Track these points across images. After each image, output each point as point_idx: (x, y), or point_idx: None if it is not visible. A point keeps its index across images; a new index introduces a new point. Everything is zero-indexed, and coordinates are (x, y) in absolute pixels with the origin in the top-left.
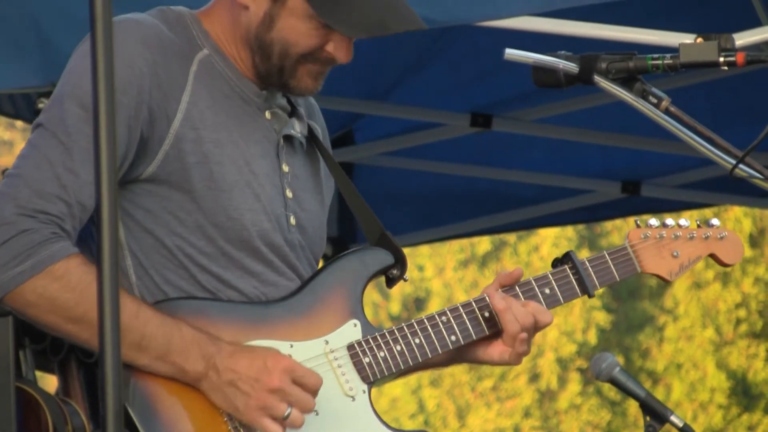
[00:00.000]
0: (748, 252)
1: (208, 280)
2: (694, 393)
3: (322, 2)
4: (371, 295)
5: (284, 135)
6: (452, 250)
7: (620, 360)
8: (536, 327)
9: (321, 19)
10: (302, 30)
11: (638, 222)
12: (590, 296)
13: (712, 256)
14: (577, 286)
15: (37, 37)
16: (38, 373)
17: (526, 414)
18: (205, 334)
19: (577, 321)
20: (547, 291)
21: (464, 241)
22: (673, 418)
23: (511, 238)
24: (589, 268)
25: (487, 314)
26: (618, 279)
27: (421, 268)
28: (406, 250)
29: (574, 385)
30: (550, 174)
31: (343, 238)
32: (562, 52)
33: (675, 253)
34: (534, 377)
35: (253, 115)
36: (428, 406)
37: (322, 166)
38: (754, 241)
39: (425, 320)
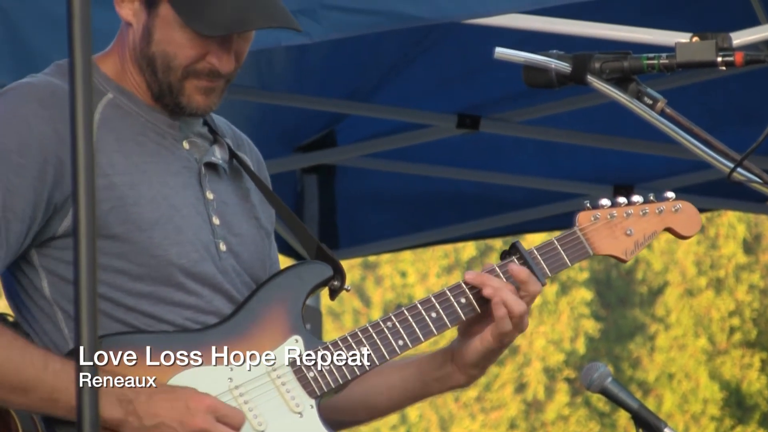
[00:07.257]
0: (742, 258)
1: (137, 318)
2: (687, 404)
3: (182, 3)
4: (352, 302)
5: (205, 162)
6: (436, 255)
7: (609, 370)
8: (528, 293)
9: (181, 19)
10: (178, 40)
11: (588, 203)
12: (542, 285)
13: (668, 230)
14: None
15: (6, 32)
16: None
17: (512, 425)
18: None
19: (564, 329)
20: None
21: (448, 246)
22: (666, 430)
23: (496, 242)
24: (538, 256)
25: (434, 314)
26: (570, 264)
27: (403, 274)
28: (387, 256)
29: (562, 395)
30: (539, 177)
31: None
32: (554, 51)
33: (628, 231)
34: (520, 387)
35: (169, 147)
36: (410, 417)
37: (254, 191)
38: (748, 247)
39: (370, 328)
